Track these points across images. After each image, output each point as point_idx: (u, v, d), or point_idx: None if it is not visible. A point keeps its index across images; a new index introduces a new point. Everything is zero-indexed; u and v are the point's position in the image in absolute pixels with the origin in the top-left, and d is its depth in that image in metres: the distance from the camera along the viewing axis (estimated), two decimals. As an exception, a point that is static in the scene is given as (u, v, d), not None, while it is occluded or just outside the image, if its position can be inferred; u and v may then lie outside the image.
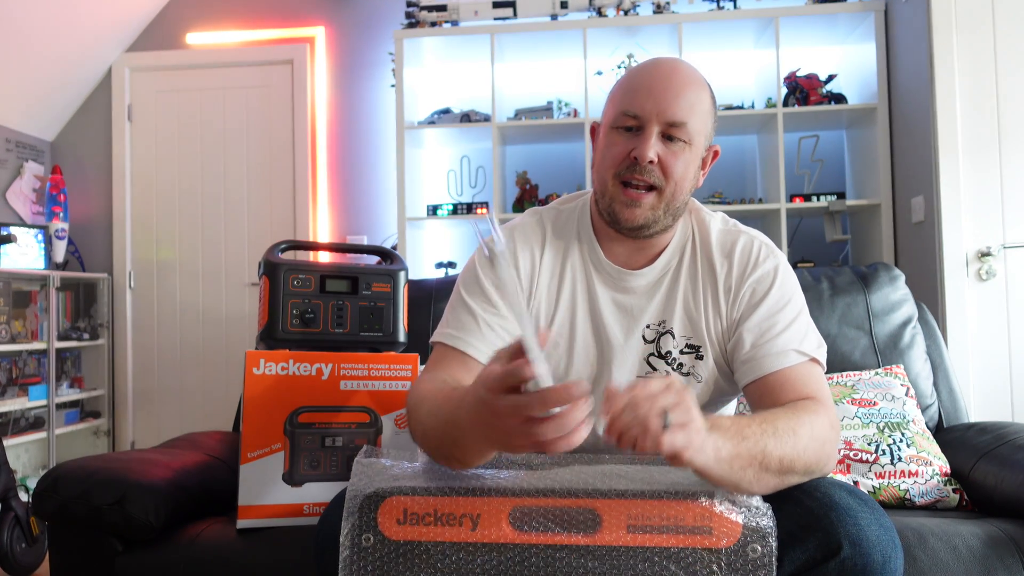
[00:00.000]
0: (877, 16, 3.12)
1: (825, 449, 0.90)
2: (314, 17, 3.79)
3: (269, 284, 1.31)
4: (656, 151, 1.03)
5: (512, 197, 3.55)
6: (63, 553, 1.32)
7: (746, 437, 0.83)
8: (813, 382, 1.01)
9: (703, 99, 1.07)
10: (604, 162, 1.08)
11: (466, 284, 1.13)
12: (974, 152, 2.63)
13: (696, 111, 1.05)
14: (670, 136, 1.04)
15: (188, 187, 3.84)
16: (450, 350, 1.08)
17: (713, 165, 1.14)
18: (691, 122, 1.04)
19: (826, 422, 0.93)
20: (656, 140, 1.04)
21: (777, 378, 1.01)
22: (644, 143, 1.03)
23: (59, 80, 3.69)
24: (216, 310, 3.80)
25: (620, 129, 1.06)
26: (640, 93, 1.04)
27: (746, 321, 1.06)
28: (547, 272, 1.14)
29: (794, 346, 1.02)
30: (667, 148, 1.04)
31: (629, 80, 1.08)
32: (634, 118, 1.04)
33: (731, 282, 1.10)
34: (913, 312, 1.82)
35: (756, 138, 3.53)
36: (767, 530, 0.83)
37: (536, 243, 1.15)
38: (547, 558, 0.85)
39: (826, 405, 0.97)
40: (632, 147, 1.04)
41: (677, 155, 1.04)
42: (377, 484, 0.89)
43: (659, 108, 1.03)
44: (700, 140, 1.06)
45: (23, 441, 3.26)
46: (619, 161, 1.05)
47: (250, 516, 1.25)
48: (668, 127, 1.03)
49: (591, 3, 3.30)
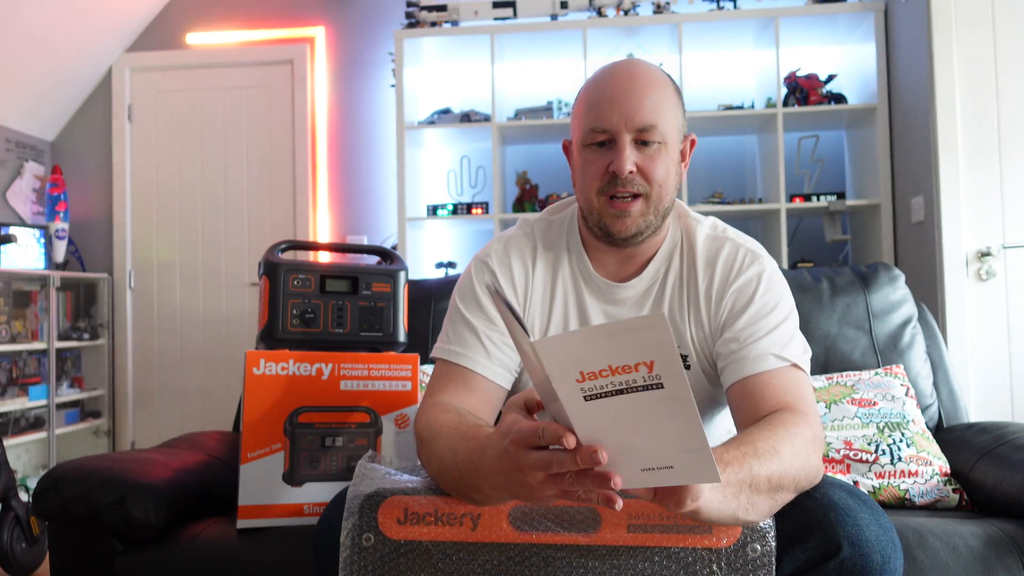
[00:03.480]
0: (877, 16, 3.12)
1: (811, 461, 0.88)
2: (314, 17, 3.79)
3: (269, 284, 1.31)
4: (633, 160, 1.02)
5: (512, 197, 3.55)
6: (63, 553, 1.32)
7: (728, 463, 0.79)
8: (794, 388, 0.99)
9: (667, 95, 1.05)
10: (585, 181, 1.07)
11: (463, 297, 1.13)
12: (974, 152, 2.63)
13: (663, 110, 1.04)
14: (644, 141, 1.03)
15: (188, 187, 3.84)
16: (453, 367, 1.08)
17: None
18: (660, 123, 1.03)
19: (807, 434, 0.90)
20: (631, 150, 1.03)
21: (756, 382, 1.00)
22: (619, 156, 1.02)
23: (59, 80, 3.69)
24: (216, 310, 3.80)
25: (592, 146, 1.06)
26: (604, 106, 1.03)
27: (729, 328, 1.06)
28: (539, 285, 1.14)
29: (774, 351, 1.01)
30: (643, 154, 1.03)
31: (590, 94, 1.07)
32: (603, 132, 1.04)
33: (713, 291, 1.09)
34: (913, 312, 1.82)
35: (756, 138, 3.53)
36: (766, 530, 0.83)
37: (528, 256, 1.15)
38: (547, 558, 0.85)
39: (806, 415, 0.94)
40: (608, 161, 1.03)
41: (655, 159, 1.04)
42: (378, 484, 0.89)
43: (626, 117, 1.02)
44: (673, 136, 1.06)
45: (23, 441, 3.26)
46: (600, 178, 1.05)
47: (250, 516, 1.24)
48: (639, 133, 1.03)
49: (591, 3, 3.30)
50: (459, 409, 0.99)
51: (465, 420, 0.94)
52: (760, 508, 0.81)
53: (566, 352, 0.62)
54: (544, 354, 0.62)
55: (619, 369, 0.61)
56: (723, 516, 0.78)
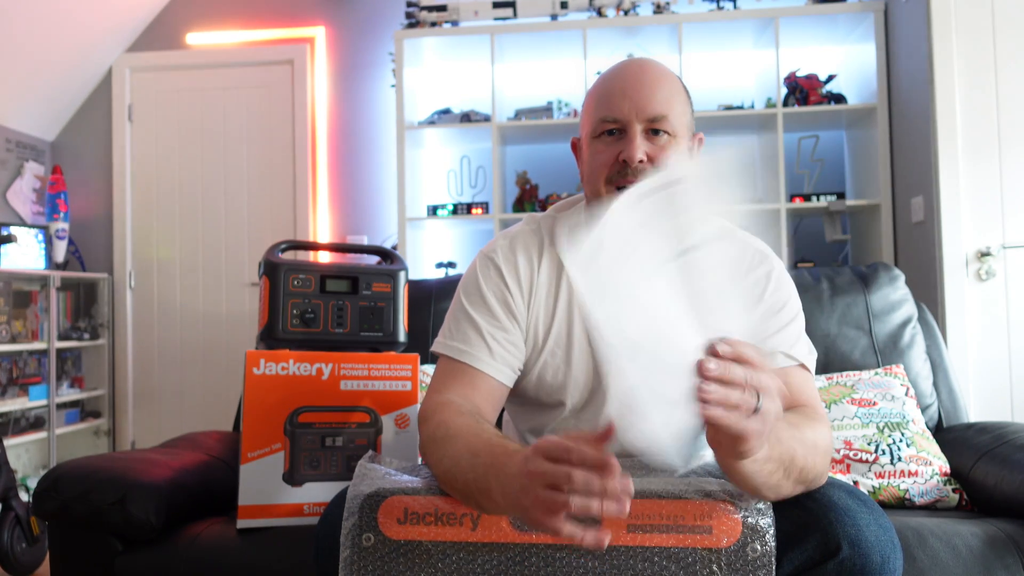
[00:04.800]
0: (877, 16, 3.12)
1: (826, 461, 0.90)
2: (314, 17, 3.79)
3: (269, 284, 1.31)
4: (644, 149, 1.03)
5: (512, 197, 3.55)
6: (63, 553, 1.32)
7: (781, 441, 0.80)
8: (807, 389, 1.00)
9: (678, 90, 1.06)
10: (593, 171, 1.07)
11: (468, 293, 1.13)
12: (974, 152, 2.63)
13: (674, 102, 1.04)
14: (655, 131, 1.04)
15: (188, 187, 3.84)
16: (457, 364, 1.07)
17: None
18: (672, 113, 1.03)
19: (828, 435, 0.92)
20: (642, 139, 1.03)
21: None
22: (630, 144, 1.03)
23: (59, 80, 3.69)
24: (216, 310, 3.80)
25: (603, 136, 1.06)
26: (615, 96, 1.04)
27: None
28: (544, 281, 1.13)
29: (783, 349, 1.01)
30: (654, 144, 1.04)
31: (601, 87, 1.08)
32: (614, 122, 1.04)
33: None
34: (913, 312, 1.82)
35: (756, 138, 3.53)
36: (766, 530, 0.83)
37: (534, 251, 1.15)
38: (547, 558, 0.85)
39: (824, 416, 0.97)
40: (619, 151, 1.04)
41: (665, 149, 1.04)
42: (378, 484, 0.89)
43: (638, 106, 1.02)
44: (683, 131, 1.06)
45: (23, 441, 3.26)
46: (609, 166, 1.05)
47: (250, 516, 1.25)
48: (650, 123, 1.03)
49: (591, 3, 3.30)
50: (474, 412, 0.99)
51: (484, 427, 0.93)
52: (780, 491, 0.84)
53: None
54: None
55: None
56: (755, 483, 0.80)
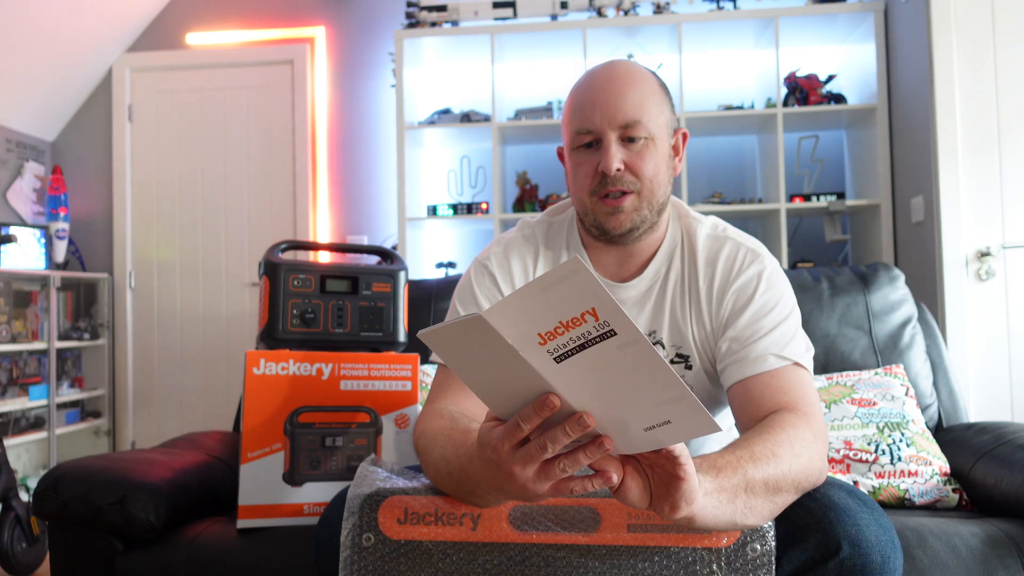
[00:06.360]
0: (877, 16, 3.12)
1: (813, 463, 0.87)
2: (314, 17, 3.79)
3: (269, 284, 1.31)
4: (619, 158, 1.03)
5: (512, 197, 3.56)
6: (63, 553, 1.32)
7: (722, 468, 0.78)
8: (796, 388, 0.98)
9: (651, 91, 1.06)
10: (577, 184, 1.09)
11: (463, 301, 1.13)
12: (974, 152, 2.63)
13: (647, 105, 1.04)
14: (630, 138, 1.04)
15: (188, 187, 3.85)
16: (452, 373, 1.07)
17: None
18: (644, 117, 1.03)
19: (807, 434, 0.90)
20: (617, 148, 1.03)
21: (756, 383, 0.99)
22: (606, 155, 1.03)
23: (59, 80, 3.69)
24: (216, 310, 3.80)
25: (580, 148, 1.07)
26: (586, 107, 1.05)
27: (729, 328, 1.06)
28: None
29: (775, 351, 1.01)
30: (630, 151, 1.04)
31: (574, 99, 1.08)
32: (588, 133, 1.05)
33: (714, 290, 1.09)
34: (913, 312, 1.82)
35: (756, 138, 3.53)
36: (766, 529, 0.83)
37: (530, 257, 1.15)
38: (547, 557, 0.85)
39: (807, 414, 0.94)
40: (597, 162, 1.04)
41: (643, 155, 1.04)
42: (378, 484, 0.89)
43: (608, 115, 1.03)
44: (661, 131, 1.06)
45: (23, 441, 3.26)
46: (590, 179, 1.06)
47: (250, 516, 1.25)
48: (624, 130, 1.03)
49: (591, 3, 3.30)
50: (452, 413, 0.98)
51: (457, 425, 0.92)
52: (760, 511, 0.81)
53: (514, 315, 0.61)
54: (497, 323, 0.61)
55: (569, 323, 0.61)
56: (719, 521, 0.77)
